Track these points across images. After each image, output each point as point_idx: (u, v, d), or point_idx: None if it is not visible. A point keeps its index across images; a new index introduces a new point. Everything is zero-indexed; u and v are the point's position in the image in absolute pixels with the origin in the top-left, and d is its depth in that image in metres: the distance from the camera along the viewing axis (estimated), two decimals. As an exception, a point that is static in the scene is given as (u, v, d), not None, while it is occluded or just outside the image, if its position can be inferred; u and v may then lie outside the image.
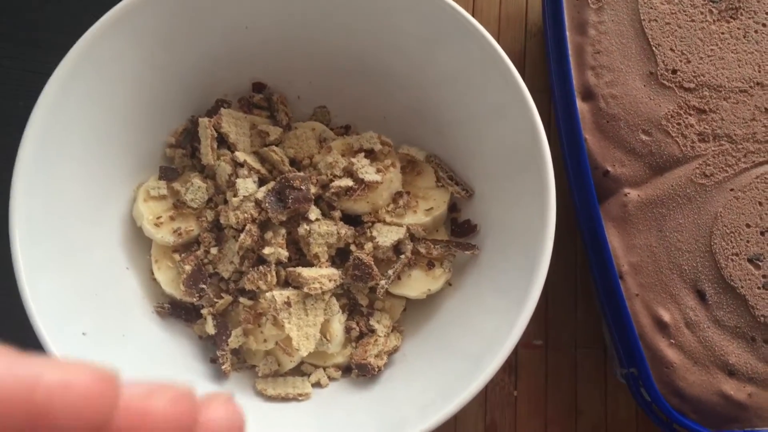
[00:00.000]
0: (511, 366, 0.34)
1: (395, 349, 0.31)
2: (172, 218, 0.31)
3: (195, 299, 0.30)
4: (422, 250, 0.31)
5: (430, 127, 0.33)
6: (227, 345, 0.30)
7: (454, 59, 0.30)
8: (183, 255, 0.31)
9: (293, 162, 0.32)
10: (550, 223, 0.27)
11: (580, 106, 0.29)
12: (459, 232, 0.32)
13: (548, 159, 0.27)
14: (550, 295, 0.34)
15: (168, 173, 0.32)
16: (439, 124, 0.32)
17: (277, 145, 0.32)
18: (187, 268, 0.30)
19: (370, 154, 0.32)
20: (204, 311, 0.31)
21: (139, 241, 0.31)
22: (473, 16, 0.37)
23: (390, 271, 0.30)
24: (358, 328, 0.31)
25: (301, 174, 0.30)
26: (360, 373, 0.30)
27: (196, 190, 0.31)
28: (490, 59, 0.28)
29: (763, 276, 0.27)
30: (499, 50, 0.28)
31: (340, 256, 0.31)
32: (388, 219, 0.31)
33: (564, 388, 0.33)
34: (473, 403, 0.33)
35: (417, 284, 0.31)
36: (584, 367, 0.34)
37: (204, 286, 0.30)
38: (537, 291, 0.26)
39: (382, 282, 0.30)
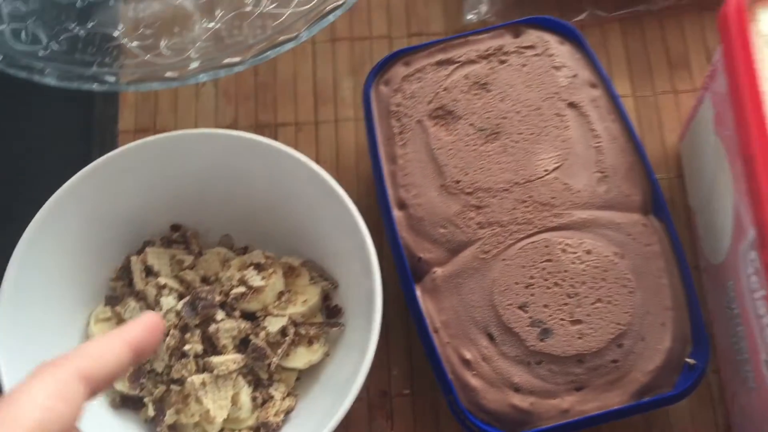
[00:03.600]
0: (388, 413, 0.44)
1: (290, 409, 0.41)
2: (117, 333, 0.42)
3: (138, 391, 0.41)
4: (303, 332, 0.42)
5: (304, 241, 0.44)
6: (163, 422, 0.40)
7: (315, 202, 0.42)
8: (126, 359, 0.41)
9: (204, 279, 0.44)
10: (377, 300, 0.38)
11: (397, 213, 0.41)
12: (330, 314, 0.43)
13: (373, 259, 0.39)
14: (413, 354, 0.45)
15: (111, 300, 0.43)
16: (310, 239, 0.44)
17: (191, 269, 0.44)
18: (130, 368, 0.41)
19: (258, 267, 0.43)
20: (146, 399, 0.41)
21: (94, 353, 0.42)
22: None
23: (279, 351, 0.41)
24: (261, 397, 0.41)
25: (208, 288, 0.42)
26: (264, 430, 0.40)
27: (132, 310, 0.42)
28: (338, 202, 0.40)
29: (529, 317, 0.38)
30: (344, 197, 0.40)
31: (243, 344, 0.42)
32: (275, 312, 0.42)
33: (428, 424, 0.44)
34: (362, 444, 0.43)
35: (301, 358, 0.42)
36: (442, 405, 0.44)
37: (144, 380, 0.41)
38: (373, 345, 0.37)
39: (274, 359, 0.41)
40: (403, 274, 0.40)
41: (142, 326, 0.30)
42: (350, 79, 0.53)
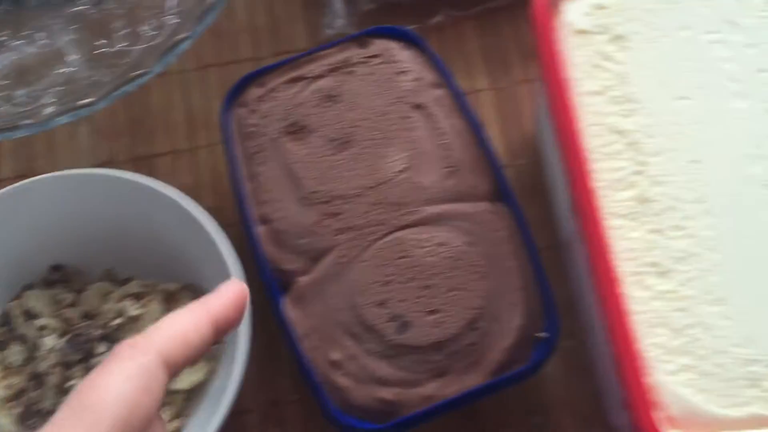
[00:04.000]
0: (279, 420, 0.46)
1: (178, 430, 0.43)
2: (3, 378, 0.43)
3: None
4: (185, 354, 0.43)
5: (181, 267, 0.46)
6: (56, 458, 0.41)
7: (182, 230, 0.43)
8: (14, 402, 0.43)
9: (86, 315, 0.45)
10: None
11: (261, 229, 0.43)
12: (212, 334, 0.45)
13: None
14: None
15: (-5, 347, 0.44)
16: (186, 265, 0.45)
17: (72, 306, 0.45)
18: (19, 410, 0.42)
19: (137, 296, 0.45)
20: (38, 438, 0.42)
21: (-16, 400, 0.43)
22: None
23: (161, 375, 0.43)
24: (149, 421, 0.43)
25: (87, 323, 0.43)
26: (155, 452, 0.42)
27: (15, 354, 0.43)
28: (199, 229, 0.42)
29: (388, 313, 0.40)
30: (204, 223, 0.42)
31: (128, 373, 0.43)
32: (155, 338, 0.44)
33: (319, 426, 0.45)
34: (257, 454, 0.45)
35: (185, 379, 0.43)
36: (332, 406, 0.46)
37: (35, 418, 0.42)
38: (241, 357, 0.39)
39: (158, 383, 0.42)
40: (267, 286, 0.42)
41: (226, 298, 0.28)
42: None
